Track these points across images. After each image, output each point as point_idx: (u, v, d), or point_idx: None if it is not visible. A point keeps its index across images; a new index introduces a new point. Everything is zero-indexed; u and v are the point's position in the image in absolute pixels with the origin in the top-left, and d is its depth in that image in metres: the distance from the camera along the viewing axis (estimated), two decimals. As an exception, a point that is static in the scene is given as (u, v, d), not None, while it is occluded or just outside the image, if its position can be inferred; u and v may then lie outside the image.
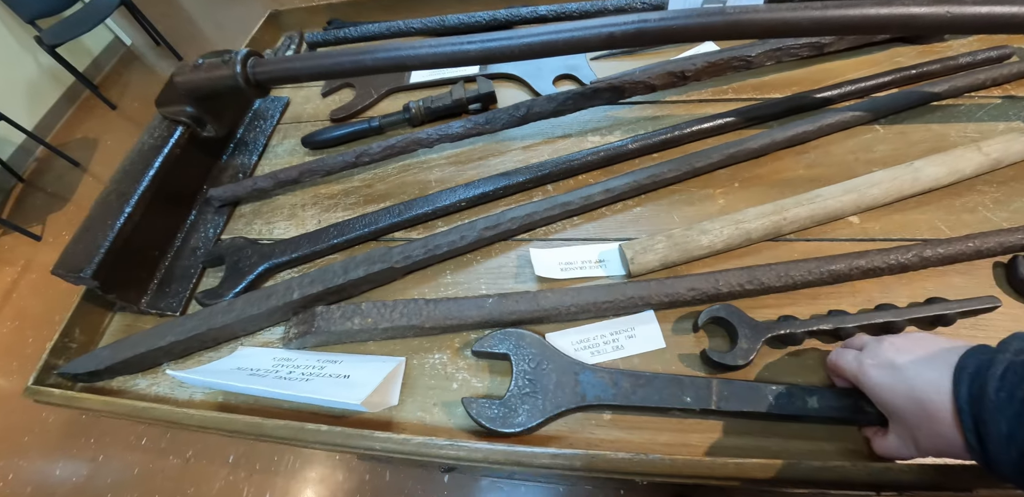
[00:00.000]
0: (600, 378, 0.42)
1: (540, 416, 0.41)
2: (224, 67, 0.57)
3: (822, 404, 0.38)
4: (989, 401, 0.26)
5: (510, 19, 0.78)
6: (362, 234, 0.57)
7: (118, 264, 0.55)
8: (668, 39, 0.50)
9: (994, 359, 0.28)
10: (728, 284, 0.45)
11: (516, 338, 0.45)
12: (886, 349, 0.34)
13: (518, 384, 0.43)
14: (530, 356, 0.44)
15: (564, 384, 0.42)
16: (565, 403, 0.41)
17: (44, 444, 1.49)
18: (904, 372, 0.32)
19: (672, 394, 0.40)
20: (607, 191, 0.53)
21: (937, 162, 0.53)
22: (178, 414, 0.46)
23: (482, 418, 0.41)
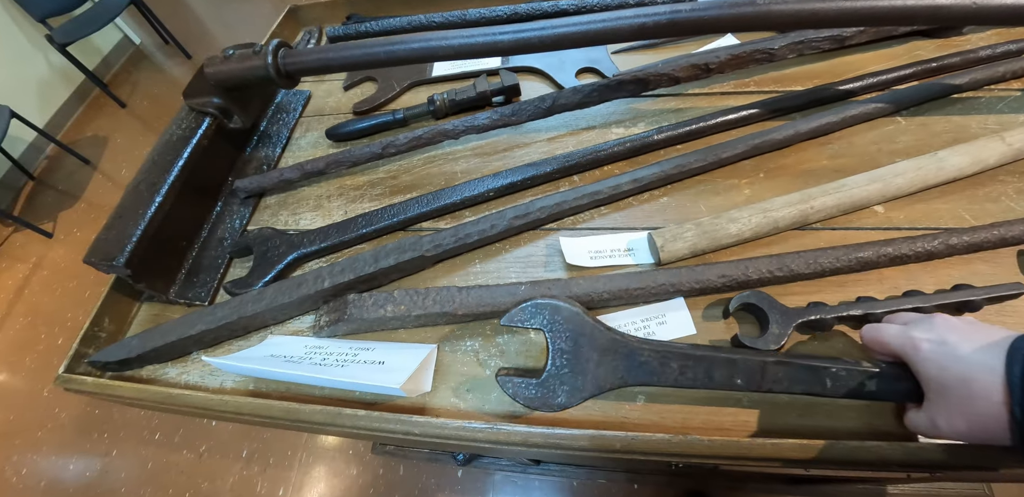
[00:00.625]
0: (647, 358, 0.39)
1: (580, 397, 0.39)
2: (255, 58, 0.58)
3: (880, 387, 0.36)
4: None
5: (531, 13, 0.78)
6: (390, 224, 0.57)
7: (148, 254, 0.55)
8: (699, 30, 0.50)
9: None
10: (758, 271, 0.45)
11: (551, 311, 0.41)
12: (939, 325, 0.34)
13: (556, 364, 0.40)
14: (568, 333, 0.41)
15: (606, 362, 0.40)
16: (608, 382, 0.39)
17: (58, 439, 1.50)
18: (956, 349, 0.32)
19: (723, 375, 0.38)
20: (635, 181, 0.54)
21: (960, 152, 0.54)
22: (213, 401, 0.46)
23: (520, 398, 0.39)
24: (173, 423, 1.46)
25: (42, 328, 1.80)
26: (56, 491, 1.40)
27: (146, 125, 2.55)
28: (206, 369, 0.53)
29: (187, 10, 3.33)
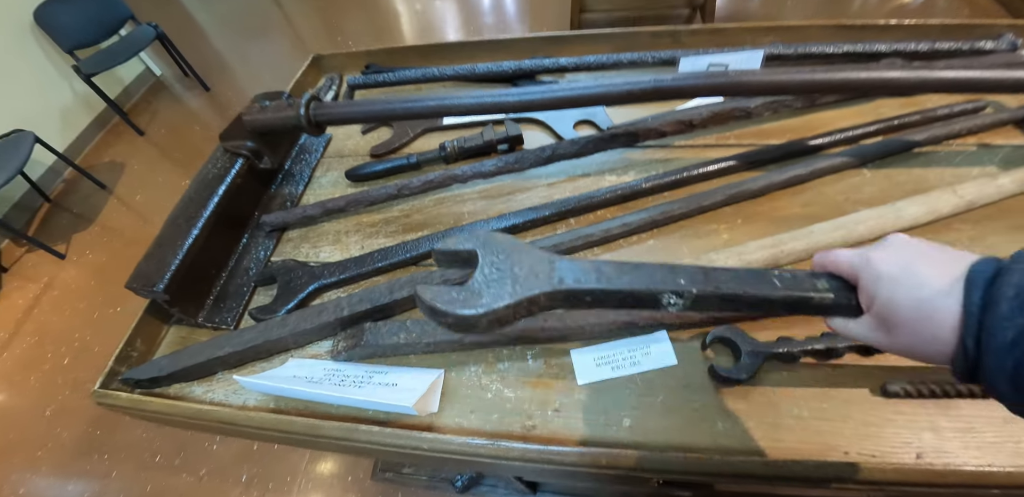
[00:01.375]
0: (580, 265, 0.38)
1: (508, 298, 0.35)
2: (289, 109, 0.65)
3: (832, 285, 0.35)
4: (1000, 309, 0.26)
5: (534, 69, 0.87)
6: (403, 259, 0.64)
7: (183, 281, 0.61)
8: (679, 96, 0.58)
9: (1011, 268, 0.27)
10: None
11: (485, 236, 0.39)
12: (897, 243, 0.34)
13: (484, 273, 0.37)
14: (500, 249, 0.38)
15: (538, 271, 0.37)
16: (539, 286, 0.36)
17: (57, 459, 1.51)
18: (914, 269, 0.31)
19: (665, 277, 0.36)
20: (624, 225, 0.60)
21: (917, 203, 0.60)
22: (239, 416, 0.51)
23: (438, 302, 0.35)
24: (174, 446, 1.47)
25: (49, 348, 1.83)
26: (53, 512, 1.41)
27: (163, 153, 2.65)
28: (230, 388, 0.58)
29: (207, 44, 3.50)
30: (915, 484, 0.40)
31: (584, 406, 0.49)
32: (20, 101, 2.46)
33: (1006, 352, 0.25)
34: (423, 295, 0.36)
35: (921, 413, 0.46)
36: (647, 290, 0.36)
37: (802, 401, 0.47)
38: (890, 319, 0.31)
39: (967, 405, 0.46)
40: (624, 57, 0.84)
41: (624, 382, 0.50)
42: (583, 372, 0.51)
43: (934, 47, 0.82)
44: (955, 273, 0.29)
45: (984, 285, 0.27)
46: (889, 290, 0.31)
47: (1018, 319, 0.25)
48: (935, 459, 0.43)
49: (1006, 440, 0.43)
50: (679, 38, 0.92)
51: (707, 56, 0.67)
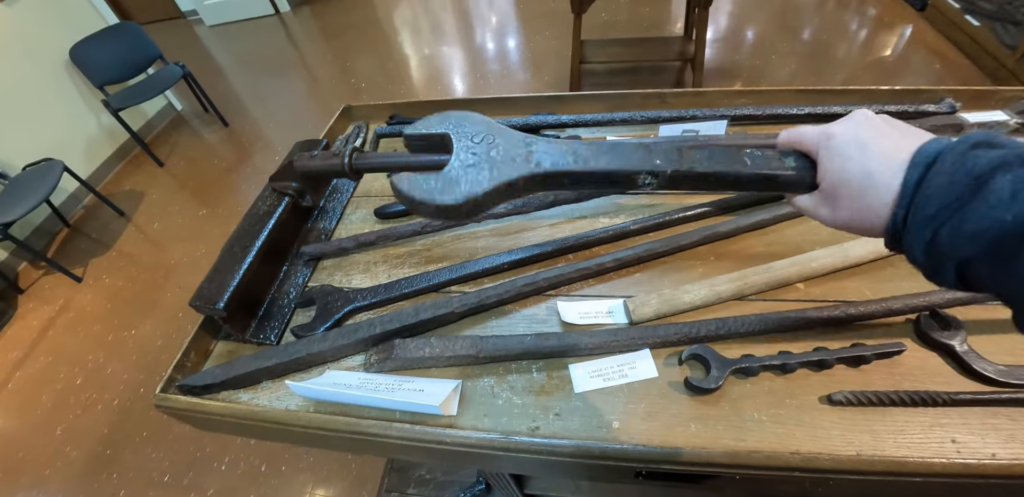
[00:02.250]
0: (556, 146, 0.37)
1: (487, 184, 0.35)
2: (335, 158, 0.77)
3: (798, 163, 0.36)
4: (930, 187, 0.28)
5: (538, 124, 1.01)
6: (426, 286, 0.74)
7: (237, 301, 0.71)
8: (660, 155, 0.70)
9: (951, 149, 0.29)
10: (704, 330, 0.62)
11: (459, 118, 0.38)
12: (858, 120, 0.35)
13: (460, 158, 0.36)
14: (474, 133, 0.37)
15: (515, 155, 0.36)
16: (516, 171, 0.35)
17: (65, 478, 1.56)
18: (869, 143, 0.33)
19: (641, 157, 0.36)
20: (615, 260, 0.71)
21: (861, 244, 0.71)
22: (288, 416, 0.60)
23: (416, 191, 0.35)
24: (183, 465, 1.52)
25: (62, 368, 1.90)
26: (59, 531, 1.44)
27: (180, 184, 2.79)
28: (273, 395, 0.67)
29: (226, 83, 3.71)
30: (849, 472, 0.50)
31: (580, 411, 0.59)
32: (51, 131, 2.61)
33: (925, 224, 0.28)
34: (399, 185, 0.34)
35: (860, 419, 0.55)
36: (624, 170, 0.35)
37: (761, 408, 0.57)
38: (836, 192, 0.33)
39: (900, 412, 0.56)
40: (617, 116, 0.97)
41: (614, 391, 0.60)
42: (580, 382, 0.60)
43: (883, 109, 0.96)
44: (906, 151, 0.31)
45: (923, 166, 0.30)
46: (840, 163, 0.33)
47: (941, 197, 0.28)
48: (871, 456, 0.52)
49: (931, 440, 0.53)
50: (666, 99, 1.07)
51: (681, 125, 0.80)
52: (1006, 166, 0.27)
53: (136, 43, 2.90)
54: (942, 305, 0.63)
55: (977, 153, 0.28)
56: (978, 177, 0.27)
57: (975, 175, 0.27)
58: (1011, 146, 0.29)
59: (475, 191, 0.34)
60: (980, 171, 0.27)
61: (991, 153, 0.28)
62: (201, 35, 4.60)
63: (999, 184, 0.27)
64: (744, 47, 3.19)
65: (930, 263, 0.30)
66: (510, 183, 0.35)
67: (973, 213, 0.27)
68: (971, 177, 0.27)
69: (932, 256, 0.29)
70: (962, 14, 2.82)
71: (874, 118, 0.35)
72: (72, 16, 2.79)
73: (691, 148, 0.36)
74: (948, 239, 0.28)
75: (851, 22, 3.30)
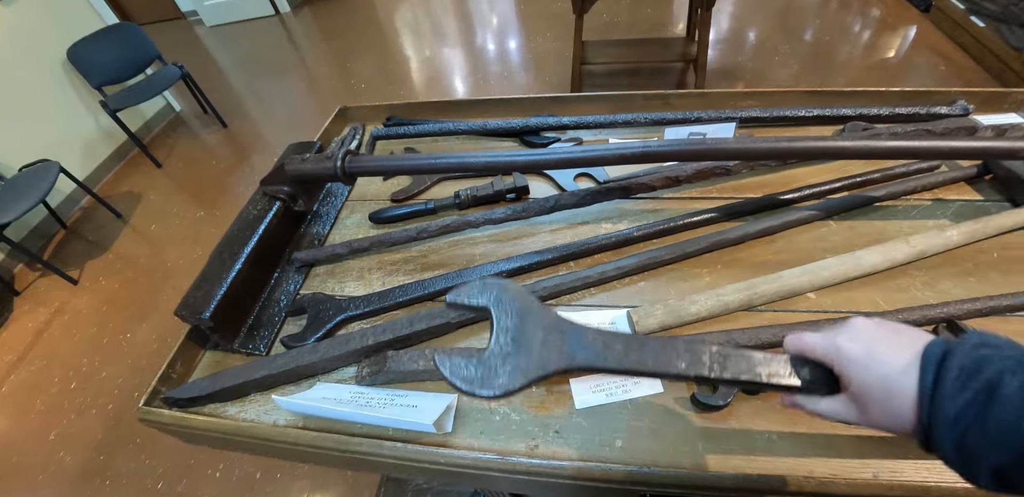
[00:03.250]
0: (591, 340, 0.39)
1: (523, 378, 0.37)
2: (327, 161, 0.75)
3: (814, 375, 0.38)
4: (946, 387, 0.30)
5: (539, 126, 0.98)
6: (421, 295, 0.71)
7: (225, 310, 0.69)
8: (664, 159, 0.68)
9: (954, 351, 0.32)
10: (711, 342, 0.59)
11: (497, 289, 0.40)
12: (860, 329, 0.37)
13: (499, 342, 0.38)
14: (512, 311, 0.40)
15: (551, 343, 0.38)
16: (551, 365, 0.38)
17: (58, 483, 1.53)
18: (877, 351, 0.35)
19: (667, 360, 0.38)
20: (618, 269, 0.69)
21: (874, 252, 0.69)
22: (275, 432, 0.58)
23: (457, 379, 0.37)
24: (177, 473, 1.49)
25: (57, 372, 1.87)
26: (50, 538, 1.41)
27: (178, 185, 2.76)
28: (261, 408, 0.65)
29: (226, 84, 3.69)
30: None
31: (581, 428, 0.56)
32: (48, 132, 2.59)
33: (951, 426, 0.30)
34: (442, 368, 0.37)
35: (877, 439, 0.52)
36: (651, 372, 0.38)
37: (773, 426, 0.54)
38: (863, 398, 0.35)
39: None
40: (619, 117, 0.95)
41: (617, 407, 0.57)
42: (581, 398, 0.58)
43: (895, 111, 0.94)
44: (912, 353, 0.33)
45: (934, 367, 0.32)
46: (861, 373, 0.35)
47: (958, 398, 0.30)
48: (890, 478, 0.49)
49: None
50: (669, 100, 1.04)
51: (688, 127, 0.77)
52: (1008, 371, 0.29)
53: (135, 43, 2.87)
54: (961, 316, 0.61)
55: (983, 354, 0.31)
56: (988, 381, 0.29)
57: (985, 379, 0.29)
58: (1008, 347, 0.32)
59: (512, 386, 0.37)
60: (989, 376, 0.29)
61: (994, 356, 0.31)
62: (201, 35, 4.58)
63: (1010, 389, 0.29)
64: (746, 48, 3.16)
65: (963, 465, 0.31)
66: (545, 376, 0.38)
67: (993, 420, 0.29)
68: (982, 382, 0.29)
69: (964, 458, 0.30)
70: (967, 15, 2.79)
71: (870, 323, 0.38)
72: (70, 16, 2.77)
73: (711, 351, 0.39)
74: (976, 443, 0.29)
75: (854, 23, 3.27)
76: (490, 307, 0.40)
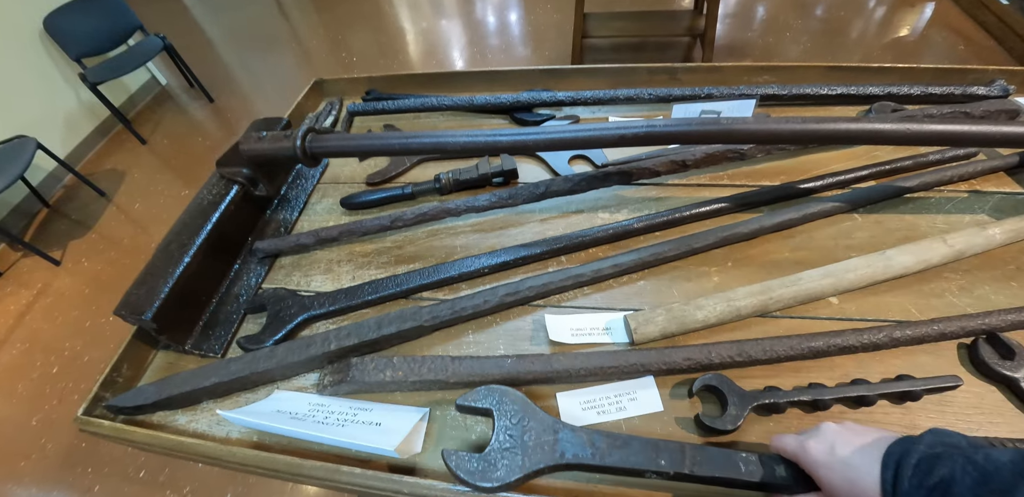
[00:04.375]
0: (579, 437, 0.44)
1: (518, 472, 0.42)
2: (286, 140, 0.66)
3: (789, 474, 0.41)
4: (904, 487, 0.33)
5: (531, 102, 0.89)
6: (394, 292, 0.64)
7: (172, 308, 0.61)
8: (670, 142, 0.59)
9: (911, 450, 0.34)
10: (720, 355, 0.51)
11: (500, 394, 0.47)
12: (826, 433, 0.40)
13: (499, 439, 0.44)
14: (512, 412, 0.46)
15: (544, 442, 0.44)
16: (544, 461, 0.43)
17: (41, 470, 1.49)
18: (840, 453, 0.38)
19: (648, 457, 0.43)
20: (615, 266, 0.61)
21: (907, 252, 0.60)
22: (221, 451, 0.51)
23: (461, 471, 0.42)
24: (159, 462, 1.45)
25: (39, 356, 1.82)
26: (33, 524, 1.38)
27: (164, 163, 2.66)
28: (214, 418, 0.58)
29: (214, 56, 3.54)
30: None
31: (568, 452, 0.49)
32: (25, 107, 2.47)
33: None
34: (448, 461, 0.43)
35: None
36: (632, 468, 0.43)
37: (787, 453, 0.47)
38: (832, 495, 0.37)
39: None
40: (621, 93, 0.85)
41: (610, 428, 0.50)
42: (569, 416, 0.51)
43: (927, 91, 0.84)
44: (875, 455, 0.36)
45: (894, 465, 0.34)
46: (826, 475, 0.38)
47: (916, 493, 0.32)
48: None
49: None
50: (676, 75, 0.94)
51: (700, 104, 0.68)
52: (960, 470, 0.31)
53: (114, 12, 2.72)
54: (1003, 328, 0.53)
55: (937, 453, 0.33)
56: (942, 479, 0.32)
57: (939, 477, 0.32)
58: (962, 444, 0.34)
59: (508, 479, 0.42)
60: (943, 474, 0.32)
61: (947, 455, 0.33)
62: (189, 6, 4.39)
63: (962, 487, 0.31)
64: (755, 24, 2.99)
65: None
66: (537, 471, 0.43)
67: None
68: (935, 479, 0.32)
69: None
70: (992, -10, 2.62)
71: (838, 428, 0.40)
72: (46, -18, 2.61)
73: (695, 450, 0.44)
74: None
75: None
76: (492, 409, 0.46)
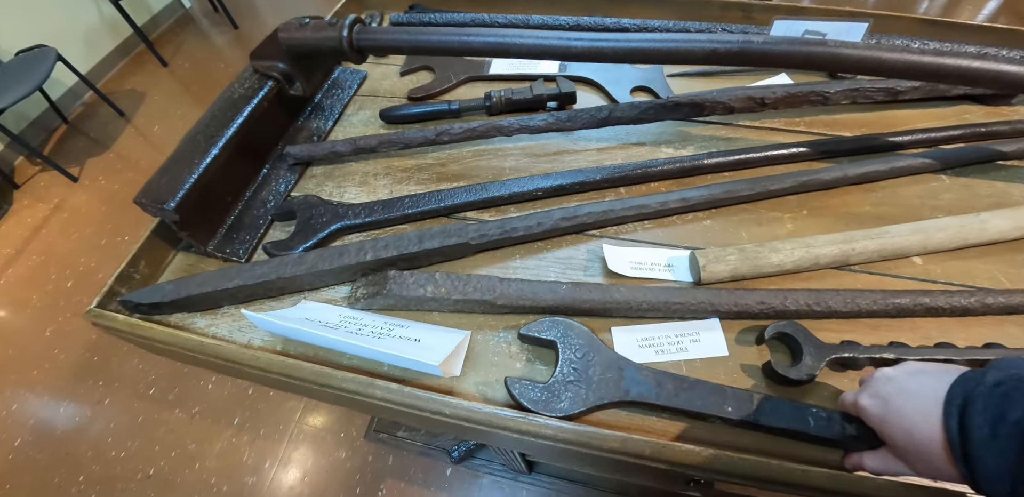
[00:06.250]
0: (645, 377, 0.43)
1: (582, 405, 0.41)
2: (331, 29, 0.59)
3: (860, 433, 0.38)
4: (975, 437, 0.28)
5: (593, 27, 0.80)
6: (435, 208, 0.59)
7: (196, 203, 0.56)
8: (767, 62, 0.51)
9: (975, 391, 0.29)
10: (796, 303, 0.46)
11: (565, 327, 0.46)
12: (878, 380, 0.36)
13: (563, 371, 0.43)
14: (577, 346, 0.44)
15: (608, 377, 0.43)
16: (608, 396, 0.42)
17: (52, 380, 1.51)
18: (893, 402, 0.33)
19: (715, 402, 0.41)
20: (683, 200, 0.55)
21: (1004, 216, 0.54)
22: (244, 355, 0.47)
23: (524, 399, 0.42)
24: (169, 380, 1.46)
25: (53, 269, 1.82)
26: (44, 431, 1.40)
27: (184, 86, 2.58)
28: (235, 324, 0.54)
29: (243, -20, 3.37)
30: None
31: (619, 389, 0.45)
32: (46, 17, 2.38)
33: (995, 480, 0.27)
34: (512, 388, 0.42)
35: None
36: (698, 411, 0.41)
37: (858, 412, 0.43)
38: (898, 452, 0.34)
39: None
40: (692, 25, 0.77)
41: (668, 368, 0.45)
42: (624, 352, 0.46)
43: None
44: (932, 400, 0.31)
45: (957, 412, 0.29)
46: (884, 429, 0.34)
47: (992, 446, 0.27)
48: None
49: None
50: (751, 13, 0.84)
51: (805, 22, 0.60)
52: None
53: (143, -78, 2.58)
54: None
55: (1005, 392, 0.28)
56: (1018, 424, 0.26)
57: (1013, 422, 0.27)
58: None
59: (572, 410, 0.41)
60: (1017, 417, 0.27)
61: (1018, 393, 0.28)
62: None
63: None
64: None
65: None
66: (600, 405, 0.42)
67: None
68: (1009, 426, 0.27)
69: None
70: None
71: (890, 373, 0.35)
72: None
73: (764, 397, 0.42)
74: None
75: None
76: (557, 341, 0.45)
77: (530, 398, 0.42)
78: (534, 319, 0.48)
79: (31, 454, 1.36)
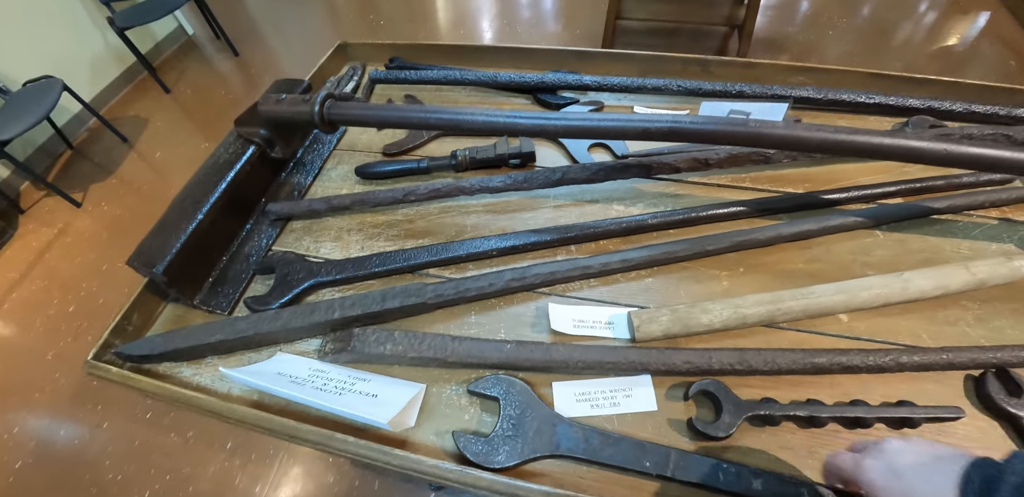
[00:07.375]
0: (575, 433, 0.48)
1: (517, 458, 0.47)
2: (304, 104, 0.65)
3: (765, 488, 0.43)
4: None
5: (557, 83, 0.86)
6: (401, 266, 0.64)
7: (183, 262, 0.62)
8: (695, 140, 0.57)
9: (1001, 478, 0.28)
10: (720, 362, 0.51)
11: (507, 384, 0.52)
12: (887, 451, 0.35)
13: (503, 426, 0.49)
14: (517, 403, 0.50)
15: (543, 432, 0.48)
16: (541, 449, 0.47)
17: (53, 403, 1.56)
18: (905, 477, 0.32)
19: (635, 457, 0.46)
20: (624, 261, 0.60)
21: (926, 275, 0.57)
22: (221, 407, 0.52)
23: (468, 452, 0.47)
24: (165, 405, 1.50)
25: (56, 293, 1.87)
26: (44, 453, 1.44)
27: (186, 112, 2.66)
28: (217, 374, 0.60)
29: (242, 8, 3.47)
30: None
31: (557, 441, 0.50)
32: (52, 47, 2.47)
33: None
34: (458, 441, 0.48)
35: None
36: (621, 466, 0.46)
37: (775, 466, 0.47)
38: None
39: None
40: (649, 82, 0.83)
41: (601, 421, 0.51)
42: (562, 406, 0.51)
43: (970, 108, 0.80)
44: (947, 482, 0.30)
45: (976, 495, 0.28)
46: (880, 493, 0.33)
47: None
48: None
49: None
50: (709, 68, 0.91)
51: (729, 103, 0.66)
52: None
53: (147, -45, 2.67)
54: (1015, 364, 0.52)
55: None
56: None
57: None
58: None
59: (508, 462, 0.47)
60: None
61: None
62: (223, -48, 4.29)
63: None
64: (798, 18, 2.85)
65: None
66: (534, 458, 0.48)
67: None
68: None
69: None
70: (1058, 1, 2.46)
71: (901, 445, 0.35)
72: (79, -80, 2.56)
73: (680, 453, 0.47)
74: None
75: (921, 1, 2.92)
76: (500, 398, 0.51)
77: (473, 451, 0.47)
78: (484, 374, 0.54)
79: (32, 476, 1.41)
